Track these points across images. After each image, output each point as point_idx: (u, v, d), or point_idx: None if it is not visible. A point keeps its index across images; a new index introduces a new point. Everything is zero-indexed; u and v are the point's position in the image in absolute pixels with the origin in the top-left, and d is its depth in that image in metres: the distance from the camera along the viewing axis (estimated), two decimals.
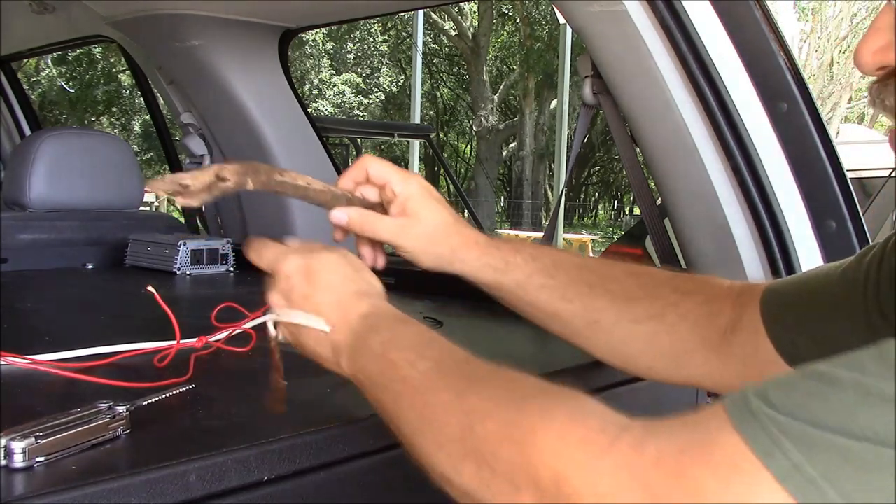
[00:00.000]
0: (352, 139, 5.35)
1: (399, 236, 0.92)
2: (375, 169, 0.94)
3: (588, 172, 23.85)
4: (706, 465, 0.46)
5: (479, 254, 0.94)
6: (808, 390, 0.45)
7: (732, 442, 0.46)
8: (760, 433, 0.45)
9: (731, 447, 0.46)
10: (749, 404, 0.46)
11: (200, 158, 2.35)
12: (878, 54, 0.59)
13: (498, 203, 23.07)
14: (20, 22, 2.55)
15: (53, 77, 19.08)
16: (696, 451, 0.47)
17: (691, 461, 0.47)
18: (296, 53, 18.33)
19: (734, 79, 1.26)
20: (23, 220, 1.88)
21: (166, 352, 0.96)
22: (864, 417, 0.42)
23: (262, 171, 0.89)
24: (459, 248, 0.94)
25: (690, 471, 0.47)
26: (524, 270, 0.94)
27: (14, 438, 0.63)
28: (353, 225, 0.92)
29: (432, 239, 0.93)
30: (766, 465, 0.44)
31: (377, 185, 0.94)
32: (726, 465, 0.45)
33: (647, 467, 0.49)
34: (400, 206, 0.93)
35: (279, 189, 0.90)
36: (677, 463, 0.48)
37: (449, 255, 0.94)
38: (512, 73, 22.15)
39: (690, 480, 0.47)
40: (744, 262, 1.32)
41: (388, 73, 21.88)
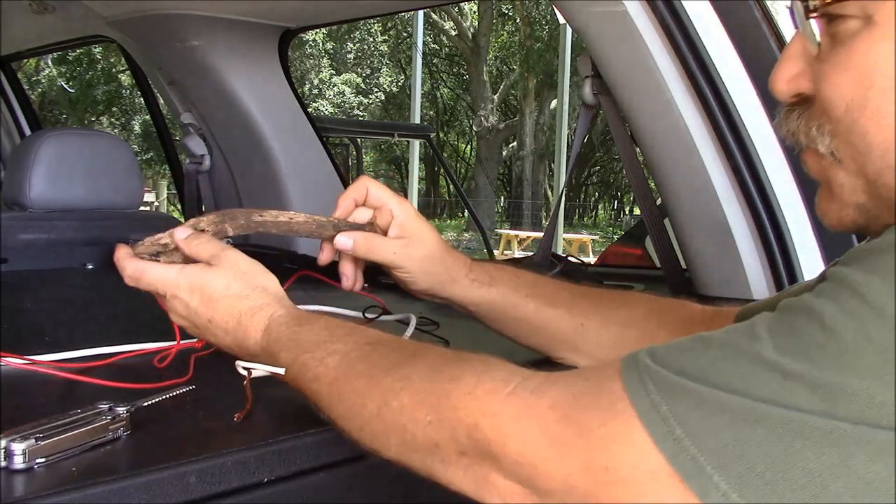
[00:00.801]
0: (352, 139, 5.36)
1: (402, 257, 0.95)
2: (374, 190, 0.97)
3: (588, 172, 23.85)
4: (591, 408, 0.54)
5: (467, 272, 0.98)
6: (685, 347, 0.53)
7: (616, 388, 0.53)
8: (636, 379, 0.52)
9: (613, 392, 0.53)
10: (636, 357, 0.54)
11: (200, 158, 2.35)
12: (793, 82, 0.61)
13: (498, 203, 23.08)
14: (20, 22, 2.55)
15: (53, 77, 19.07)
16: (585, 395, 0.55)
17: (580, 404, 0.54)
18: (296, 53, 18.33)
19: (734, 79, 1.26)
20: (23, 220, 1.88)
21: (166, 352, 0.96)
22: (717, 368, 0.49)
23: (240, 215, 0.91)
24: (452, 267, 0.97)
25: (578, 413, 0.54)
26: (509, 283, 0.98)
27: (14, 440, 0.63)
28: (358, 249, 0.94)
29: (431, 259, 0.96)
30: (632, 403, 0.51)
31: (374, 206, 0.97)
32: (607, 407, 0.53)
33: (544, 410, 0.56)
34: (399, 227, 0.96)
35: (261, 229, 0.93)
36: (569, 406, 0.55)
37: (444, 274, 0.97)
38: (512, 73, 22.15)
39: (578, 421, 0.54)
40: (744, 262, 1.31)
41: (388, 73, 21.88)
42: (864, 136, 0.56)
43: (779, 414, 0.46)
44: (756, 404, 0.47)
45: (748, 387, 0.48)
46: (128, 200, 2.05)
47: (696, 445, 0.48)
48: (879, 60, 0.54)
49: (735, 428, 0.47)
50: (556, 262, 1.67)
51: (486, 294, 0.98)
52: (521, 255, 8.69)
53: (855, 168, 0.58)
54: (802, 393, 0.46)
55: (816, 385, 0.46)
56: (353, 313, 1.21)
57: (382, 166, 24.55)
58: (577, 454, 0.53)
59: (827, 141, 0.59)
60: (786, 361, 0.47)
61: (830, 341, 0.46)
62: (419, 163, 17.80)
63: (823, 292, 0.49)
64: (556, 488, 0.55)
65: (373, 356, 0.70)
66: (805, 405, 0.46)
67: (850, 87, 0.56)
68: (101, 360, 0.97)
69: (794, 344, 0.48)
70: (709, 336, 0.52)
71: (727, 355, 0.50)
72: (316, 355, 0.73)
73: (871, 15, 0.54)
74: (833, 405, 0.45)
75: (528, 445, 0.56)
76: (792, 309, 0.50)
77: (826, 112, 0.58)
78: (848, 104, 0.56)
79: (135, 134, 19.90)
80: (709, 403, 0.49)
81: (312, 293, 1.28)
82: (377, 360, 0.70)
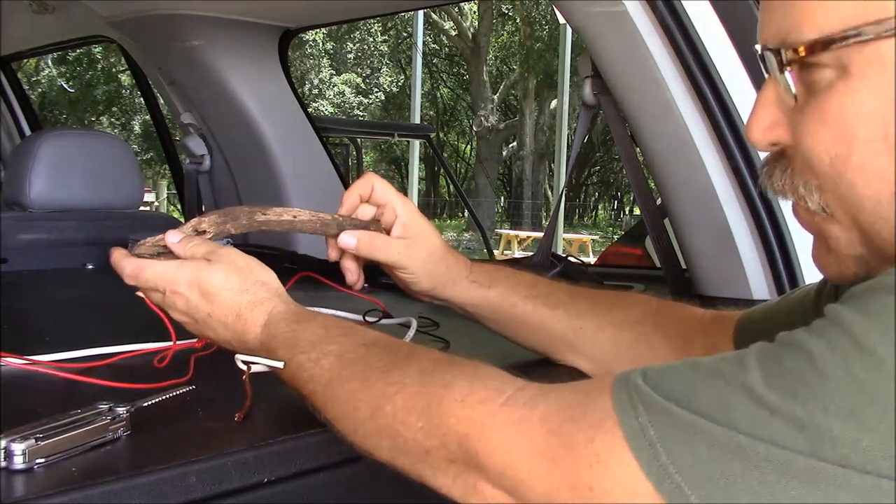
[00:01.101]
0: (352, 139, 5.35)
1: (405, 257, 0.95)
2: (380, 186, 0.97)
3: (588, 172, 23.85)
4: (579, 423, 0.53)
5: (467, 272, 0.98)
6: (676, 370, 0.52)
7: (605, 406, 0.53)
8: (626, 399, 0.52)
9: (602, 410, 0.53)
10: (629, 377, 0.53)
11: (200, 158, 2.35)
12: (768, 131, 0.59)
13: (498, 203, 23.08)
14: (20, 22, 2.55)
15: (53, 77, 19.07)
16: (575, 410, 0.54)
17: (568, 419, 0.54)
18: (296, 53, 18.33)
19: (734, 79, 1.26)
20: (23, 220, 1.87)
21: (166, 352, 0.96)
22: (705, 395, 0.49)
23: (242, 214, 0.91)
24: (454, 267, 0.98)
25: (566, 427, 0.54)
26: (508, 284, 0.99)
27: (14, 440, 0.63)
28: (361, 248, 0.94)
29: (433, 259, 0.96)
30: (620, 424, 0.51)
31: (378, 203, 0.97)
32: (595, 425, 0.52)
33: (534, 423, 0.55)
34: (402, 226, 0.96)
35: (264, 228, 0.93)
36: (558, 421, 0.55)
37: (445, 274, 0.97)
38: (512, 73, 22.15)
39: (566, 436, 0.53)
40: (744, 262, 1.31)
41: (388, 73, 21.87)
42: (851, 188, 0.55)
43: (763, 450, 0.46)
44: (740, 437, 0.47)
45: (733, 418, 0.47)
46: (128, 200, 2.05)
47: (680, 474, 0.48)
48: (859, 112, 0.53)
49: (719, 459, 0.47)
50: (556, 262, 1.67)
51: (485, 295, 0.98)
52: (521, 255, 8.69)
53: (848, 222, 0.57)
54: (789, 431, 0.45)
55: (802, 425, 0.45)
56: (354, 316, 1.21)
57: (382, 166, 24.54)
58: (564, 471, 0.53)
59: (816, 197, 0.58)
60: (773, 398, 0.47)
61: (817, 381, 0.46)
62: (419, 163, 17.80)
63: (815, 329, 0.49)
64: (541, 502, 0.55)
65: (367, 358, 0.70)
66: (791, 444, 0.45)
67: (831, 141, 0.54)
68: (101, 360, 0.97)
69: (782, 380, 0.47)
70: (700, 361, 0.52)
71: (716, 383, 0.49)
72: (312, 356, 0.73)
73: (846, 65, 0.53)
74: (819, 447, 0.45)
75: (516, 458, 0.56)
76: (784, 343, 0.50)
77: (810, 167, 0.57)
78: (832, 158, 0.55)
79: (135, 134, 19.90)
80: (695, 432, 0.48)
81: (313, 294, 1.28)
82: (372, 361, 0.70)
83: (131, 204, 2.07)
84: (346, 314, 1.22)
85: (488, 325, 1.01)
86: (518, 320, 0.98)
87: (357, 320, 1.20)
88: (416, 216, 0.97)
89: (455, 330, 1.14)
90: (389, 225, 0.96)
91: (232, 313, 0.81)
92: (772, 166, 0.61)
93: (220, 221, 0.90)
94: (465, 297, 0.98)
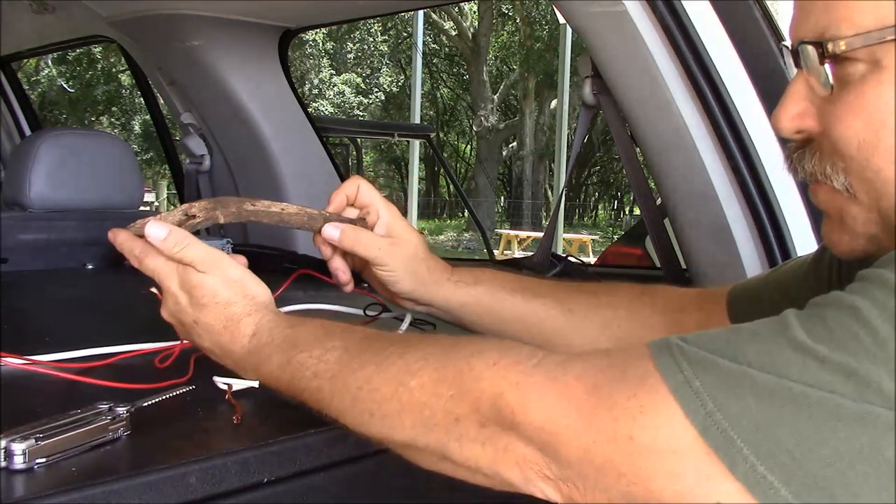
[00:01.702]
0: (352, 139, 5.35)
1: (387, 254, 0.96)
2: (364, 189, 0.99)
3: (588, 172, 23.85)
4: (619, 381, 0.55)
5: (449, 275, 1.00)
6: (716, 333, 0.54)
7: (645, 366, 0.54)
8: (668, 357, 0.53)
9: (643, 369, 0.54)
10: (668, 340, 0.55)
11: (200, 158, 2.35)
12: (796, 120, 0.65)
13: (498, 203, 23.08)
14: (20, 22, 2.55)
15: (53, 77, 19.07)
16: (613, 370, 0.56)
17: (607, 378, 0.55)
18: (296, 53, 18.33)
19: (734, 79, 1.26)
20: (23, 220, 1.88)
21: (168, 352, 0.96)
22: (750, 349, 0.51)
23: (232, 203, 0.91)
24: (435, 269, 0.99)
25: (605, 385, 0.55)
26: (494, 281, 1.00)
27: (14, 440, 0.63)
28: (344, 240, 0.95)
29: (415, 259, 0.98)
30: (664, 379, 0.52)
31: (362, 204, 0.99)
32: (636, 381, 0.54)
33: (570, 381, 0.57)
34: (385, 227, 0.98)
35: (252, 218, 0.93)
36: (596, 379, 0.56)
37: (426, 275, 0.98)
38: (512, 73, 22.15)
39: (605, 392, 0.55)
40: (744, 262, 1.32)
41: (388, 73, 21.88)
42: (878, 172, 0.59)
43: (814, 395, 0.48)
44: (791, 384, 0.48)
45: (782, 368, 0.49)
46: (128, 200, 2.05)
47: (727, 420, 0.49)
48: (889, 102, 0.57)
49: (768, 405, 0.49)
50: (556, 262, 1.67)
51: (471, 293, 0.99)
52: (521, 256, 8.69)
53: (869, 202, 0.61)
54: (837, 378, 0.47)
55: (851, 372, 0.47)
56: (354, 311, 1.21)
57: (382, 166, 24.55)
58: (603, 423, 0.54)
59: (842, 178, 0.62)
60: (819, 348, 0.49)
61: (865, 333, 0.48)
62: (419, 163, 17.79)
63: (856, 290, 0.51)
64: (577, 457, 0.55)
65: (376, 345, 0.71)
66: (840, 390, 0.47)
67: (862, 127, 0.59)
68: (101, 360, 0.97)
69: (828, 334, 0.49)
70: (739, 326, 0.54)
71: (761, 339, 0.51)
72: (314, 353, 0.73)
73: (878, 59, 0.58)
74: (867, 393, 0.47)
75: (553, 413, 0.56)
76: (822, 304, 0.52)
77: (838, 151, 0.61)
78: (860, 143, 0.59)
79: (135, 134, 19.90)
80: (742, 381, 0.50)
81: (312, 293, 1.28)
82: (383, 346, 0.70)
83: (131, 204, 2.07)
84: (346, 309, 1.22)
85: (475, 328, 1.01)
86: (507, 316, 0.98)
87: (357, 315, 1.20)
88: (398, 219, 0.99)
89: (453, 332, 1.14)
90: (372, 225, 0.98)
91: (218, 324, 0.81)
92: (801, 151, 0.66)
93: (209, 207, 0.90)
94: (450, 297, 0.99)
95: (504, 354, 0.61)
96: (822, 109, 0.62)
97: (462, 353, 0.63)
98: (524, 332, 0.99)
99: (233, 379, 0.82)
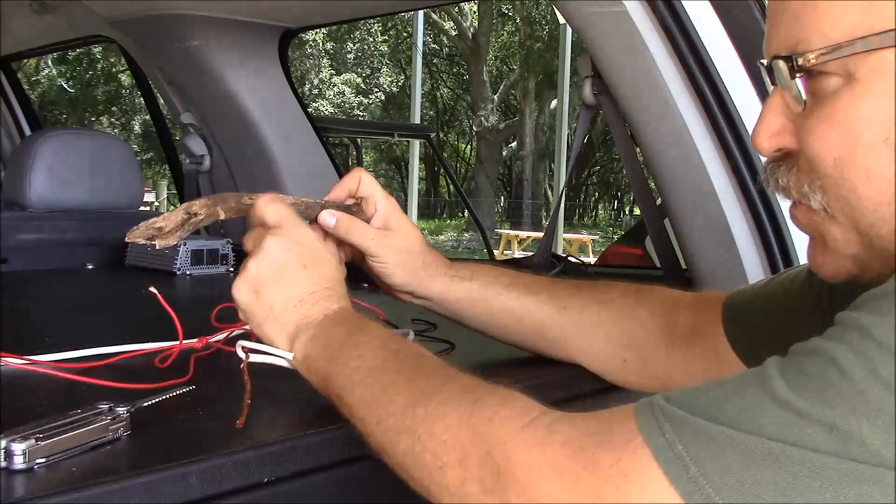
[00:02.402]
0: (352, 139, 5.35)
1: (381, 245, 0.96)
2: (366, 180, 0.99)
3: (588, 172, 23.85)
4: (605, 445, 0.54)
5: (446, 269, 0.99)
6: (698, 390, 0.53)
7: (629, 428, 0.53)
8: (650, 418, 0.53)
9: (627, 432, 0.53)
10: (651, 400, 0.54)
11: (200, 158, 2.35)
12: (775, 138, 0.63)
13: (498, 203, 23.08)
14: (20, 22, 2.55)
15: (53, 77, 19.08)
16: (599, 435, 0.55)
17: (592, 442, 0.55)
18: (296, 53, 18.33)
19: (734, 79, 1.26)
20: (23, 220, 1.88)
21: (168, 352, 0.96)
22: (730, 408, 0.50)
23: (231, 198, 0.91)
24: (430, 263, 0.99)
25: (590, 450, 0.54)
26: (490, 275, 1.00)
27: (14, 440, 0.63)
28: (339, 228, 0.95)
29: (410, 252, 0.98)
30: (647, 441, 0.51)
31: (362, 195, 0.99)
32: (621, 445, 0.53)
33: (556, 445, 0.56)
34: (382, 219, 0.97)
35: None
36: (582, 443, 0.55)
37: (422, 269, 0.98)
38: (512, 73, 22.16)
39: (589, 458, 0.54)
40: (744, 262, 1.32)
41: (388, 73, 21.88)
42: (853, 190, 0.57)
43: (795, 454, 0.47)
44: (771, 444, 0.47)
45: (762, 425, 0.48)
46: (128, 200, 2.06)
47: (710, 485, 0.48)
48: (863, 116, 0.56)
49: (750, 467, 0.47)
50: (557, 262, 1.67)
51: (467, 287, 0.99)
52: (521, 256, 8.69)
53: (848, 222, 0.59)
54: (818, 433, 0.46)
55: (831, 426, 0.46)
56: None
57: (382, 166, 24.55)
58: (588, 491, 0.53)
59: (819, 197, 0.60)
60: (799, 402, 0.47)
61: (843, 382, 0.47)
62: (419, 163, 17.80)
63: (833, 336, 0.50)
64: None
65: (418, 361, 0.71)
66: (822, 446, 0.46)
67: (837, 143, 0.57)
68: (101, 360, 0.97)
69: (806, 385, 0.48)
70: (722, 380, 0.53)
71: (742, 394, 0.50)
72: (372, 343, 0.74)
73: (851, 73, 0.56)
74: (850, 447, 0.45)
75: (536, 477, 0.55)
76: (801, 352, 0.51)
77: (814, 168, 0.59)
78: (836, 160, 0.57)
79: (135, 134, 19.90)
80: (723, 442, 0.49)
81: None
82: (422, 364, 0.70)
83: (131, 204, 2.07)
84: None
85: (473, 324, 1.01)
86: (503, 311, 0.98)
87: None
88: (396, 211, 0.98)
89: (449, 332, 1.14)
90: (370, 217, 0.98)
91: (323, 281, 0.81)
92: (775, 165, 0.64)
93: (209, 204, 0.89)
94: (446, 291, 0.99)
95: (500, 409, 0.60)
96: (799, 125, 0.61)
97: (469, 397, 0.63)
98: (517, 327, 0.99)
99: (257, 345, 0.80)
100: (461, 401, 0.63)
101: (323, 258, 0.84)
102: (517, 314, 0.98)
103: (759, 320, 0.85)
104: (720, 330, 0.88)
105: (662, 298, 0.95)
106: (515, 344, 1.01)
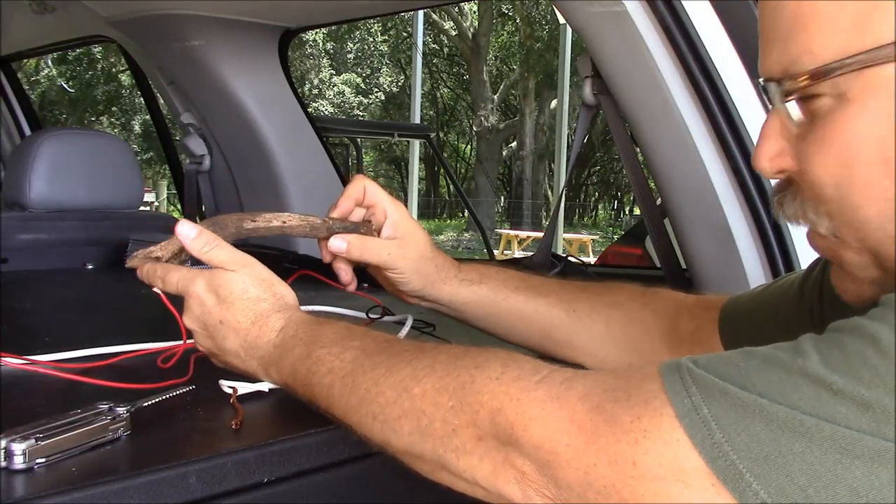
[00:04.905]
0: (352, 139, 5.35)
1: (396, 257, 0.96)
2: (371, 188, 0.98)
3: (588, 172, 23.84)
4: (624, 402, 0.53)
5: (456, 271, 1.00)
6: (728, 357, 0.52)
7: (653, 386, 0.52)
8: (677, 380, 0.52)
9: (650, 391, 0.52)
10: (678, 361, 0.53)
11: (200, 158, 2.35)
12: (775, 161, 0.61)
13: (498, 203, 23.07)
14: (20, 22, 2.55)
15: (53, 77, 19.07)
16: (617, 391, 0.54)
17: (612, 397, 0.54)
18: (296, 53, 18.33)
19: (734, 79, 1.26)
20: (23, 220, 1.87)
21: (171, 352, 0.96)
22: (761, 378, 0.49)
23: (230, 222, 0.91)
24: (442, 266, 0.99)
25: (610, 405, 0.53)
26: (498, 278, 1.00)
27: (14, 440, 0.63)
28: (352, 251, 0.95)
29: (423, 259, 0.98)
30: (671, 402, 0.51)
31: (369, 204, 0.98)
32: (642, 403, 0.52)
33: (573, 399, 0.55)
34: (392, 226, 0.97)
35: (253, 234, 0.93)
36: (600, 398, 0.54)
37: (434, 273, 0.98)
38: (512, 73, 22.15)
39: (609, 413, 0.53)
40: (744, 262, 1.31)
41: (388, 73, 21.88)
42: (856, 211, 0.56)
43: (827, 429, 0.46)
44: (803, 417, 0.47)
45: (794, 399, 0.47)
46: (128, 200, 2.05)
47: (735, 451, 0.48)
48: (859, 136, 0.54)
49: (778, 438, 0.47)
50: (557, 262, 1.67)
51: (476, 290, 0.99)
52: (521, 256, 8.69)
53: (858, 245, 0.58)
54: (852, 411, 0.46)
55: (867, 405, 0.45)
56: (356, 313, 1.21)
57: (382, 166, 24.55)
58: (605, 445, 0.52)
59: (826, 222, 0.59)
60: (836, 379, 0.47)
61: (883, 362, 0.46)
62: (419, 163, 17.80)
63: (876, 316, 0.49)
64: (577, 480, 0.54)
65: (392, 349, 0.71)
66: (854, 424, 0.45)
67: (834, 165, 0.56)
68: (101, 360, 0.97)
69: (843, 363, 0.47)
70: (753, 350, 0.52)
71: (773, 367, 0.49)
72: (333, 350, 0.74)
73: (843, 92, 0.54)
74: (884, 427, 0.45)
75: (553, 430, 0.55)
76: (840, 329, 0.50)
77: (817, 194, 0.58)
78: (836, 182, 0.56)
79: (135, 134, 19.90)
80: (752, 411, 0.48)
81: (312, 293, 1.28)
82: (397, 352, 0.70)
83: (131, 204, 2.07)
84: (347, 311, 1.22)
85: (479, 325, 1.01)
86: (511, 314, 0.99)
87: (360, 317, 1.20)
88: (405, 217, 0.98)
89: (452, 333, 1.14)
90: (379, 226, 0.98)
91: (247, 320, 0.81)
92: (782, 195, 0.63)
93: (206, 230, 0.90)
94: (456, 295, 0.99)
95: (507, 368, 0.60)
96: (797, 147, 0.59)
97: (467, 364, 0.63)
98: (526, 330, 0.99)
99: (238, 382, 0.83)
100: (458, 369, 0.63)
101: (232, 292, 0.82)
102: (526, 317, 0.98)
103: (753, 329, 0.85)
104: (717, 337, 0.88)
105: (667, 302, 0.95)
106: (522, 345, 1.01)
